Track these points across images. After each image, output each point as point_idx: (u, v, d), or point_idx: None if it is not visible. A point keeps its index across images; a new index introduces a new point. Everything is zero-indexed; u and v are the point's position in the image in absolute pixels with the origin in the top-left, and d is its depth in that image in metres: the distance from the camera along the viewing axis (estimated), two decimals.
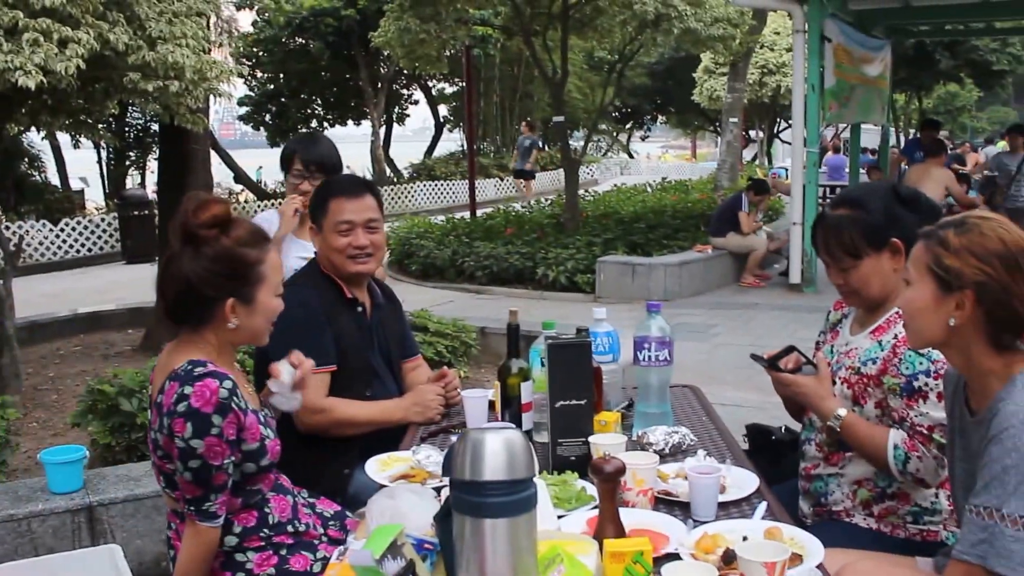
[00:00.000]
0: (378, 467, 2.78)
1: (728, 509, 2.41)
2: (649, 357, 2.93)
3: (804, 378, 2.76)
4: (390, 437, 3.11)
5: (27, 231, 15.68)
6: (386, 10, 13.66)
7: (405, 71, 25.07)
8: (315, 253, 3.41)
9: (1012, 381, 2.06)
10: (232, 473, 2.39)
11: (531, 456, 1.73)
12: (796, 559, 2.07)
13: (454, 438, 2.67)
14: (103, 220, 17.41)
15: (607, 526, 2.06)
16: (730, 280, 11.89)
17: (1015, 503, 1.93)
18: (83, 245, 16.79)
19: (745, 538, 2.12)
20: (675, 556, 2.07)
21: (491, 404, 3.11)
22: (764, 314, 10.01)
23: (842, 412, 2.67)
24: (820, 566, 2.07)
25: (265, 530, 2.50)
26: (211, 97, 6.75)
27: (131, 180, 23.27)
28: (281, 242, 3.89)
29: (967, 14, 15.16)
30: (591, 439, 2.59)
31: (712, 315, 10.02)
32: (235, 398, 2.34)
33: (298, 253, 3.92)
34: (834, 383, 2.76)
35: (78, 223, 16.92)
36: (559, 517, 2.30)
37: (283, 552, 2.51)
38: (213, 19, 16.14)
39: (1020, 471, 1.94)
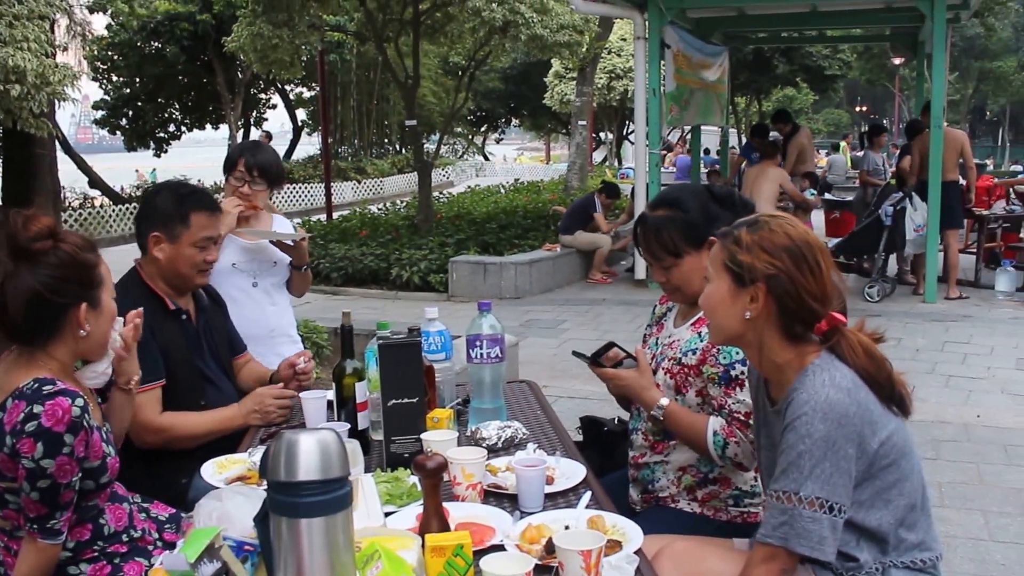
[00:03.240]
0: (214, 470, 2.76)
1: (555, 500, 2.46)
2: (482, 355, 2.98)
3: (625, 372, 2.83)
4: (229, 439, 3.14)
5: None
6: (239, 15, 13.61)
7: (262, 76, 24.86)
8: (136, 263, 3.33)
9: (804, 371, 2.17)
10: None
11: (345, 455, 1.77)
12: (616, 546, 2.12)
13: None
14: None
15: (431, 521, 2.12)
16: (578, 277, 12.25)
17: (811, 486, 2.06)
18: None
19: (567, 527, 2.18)
20: (500, 547, 2.11)
21: (329, 404, 3.11)
22: (611, 309, 10.38)
23: (664, 401, 2.74)
24: (639, 551, 2.12)
25: (100, 542, 2.46)
26: (59, 101, 6.69)
27: None
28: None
29: (800, 22, 15.88)
30: (423, 436, 2.64)
31: (561, 311, 10.34)
32: (86, 416, 2.29)
33: (232, 251, 3.95)
34: (657, 373, 2.84)
35: None
36: (390, 514, 2.34)
37: (116, 560, 2.47)
38: (65, 22, 15.77)
39: (813, 456, 2.06)
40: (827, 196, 14.97)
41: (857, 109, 65.59)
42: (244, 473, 2.73)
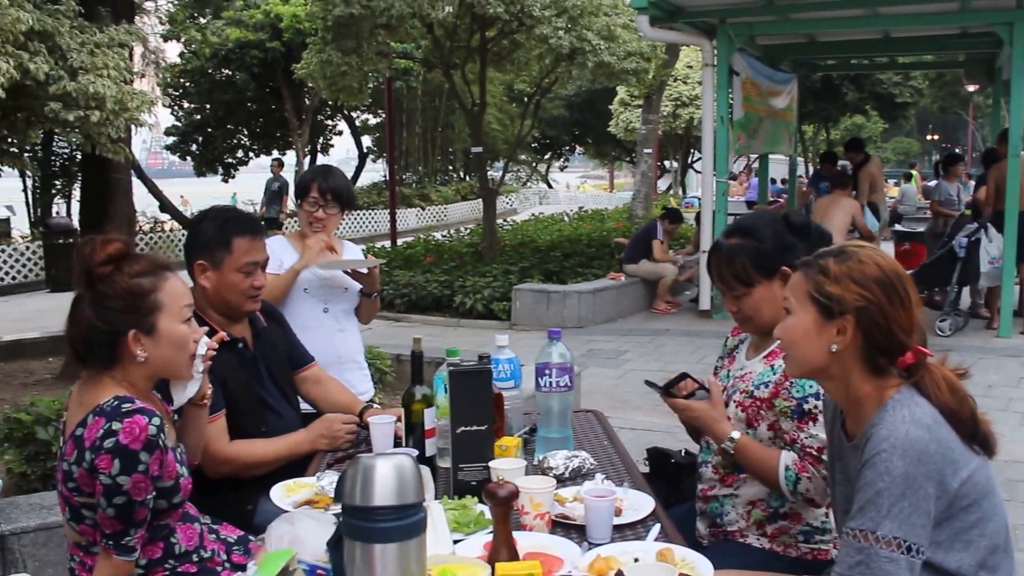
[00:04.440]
0: (283, 493, 2.79)
1: (623, 531, 2.44)
2: (550, 383, 2.98)
3: (697, 403, 2.80)
4: (296, 463, 3.15)
5: None
6: (308, 43, 13.79)
7: (329, 102, 25.14)
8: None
9: (884, 406, 2.12)
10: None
11: (420, 481, 1.76)
12: None
13: None
14: (28, 248, 17.23)
15: (500, 549, 2.10)
16: (642, 307, 12.15)
17: (888, 525, 1.99)
18: (7, 273, 16.58)
19: (637, 559, 2.17)
20: None
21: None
22: (674, 340, 10.24)
23: (735, 435, 2.71)
24: None
25: (171, 561, 2.48)
26: (134, 127, 6.81)
27: (57, 208, 22.92)
28: (298, 272, 3.96)
29: (871, 49, 15.69)
30: (491, 464, 2.63)
31: (624, 341, 10.24)
32: (162, 435, 2.33)
33: (304, 277, 4.00)
34: (728, 406, 2.81)
35: (2, 251, 16.72)
36: (457, 541, 2.33)
37: None
38: (140, 49, 16.13)
39: (891, 494, 2.00)
40: (897, 227, 14.71)
41: (928, 137, 64.64)
42: (312, 497, 2.74)
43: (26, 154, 9.91)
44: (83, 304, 2.42)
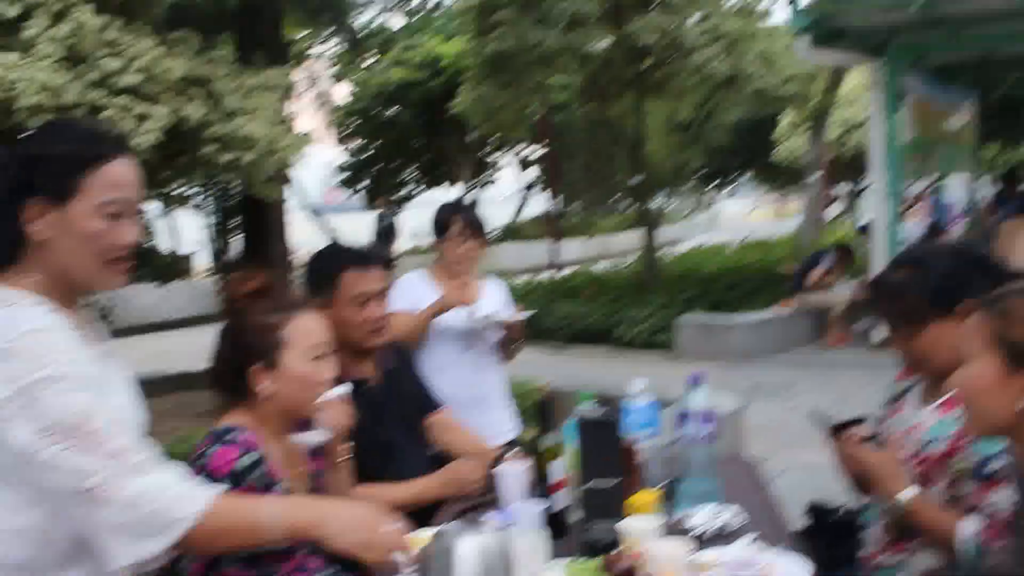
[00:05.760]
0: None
1: None
2: (693, 433, 2.73)
3: (870, 452, 2.48)
4: (423, 509, 2.99)
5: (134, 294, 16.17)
6: (463, 80, 13.95)
7: (491, 137, 25.49)
8: None
9: None
10: None
11: (510, 563, 1.60)
12: None
13: (488, 515, 2.55)
14: (209, 283, 17.98)
15: None
16: (813, 338, 11.70)
17: None
18: (187, 306, 17.27)
19: None
20: None
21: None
22: (847, 374, 9.80)
23: (907, 495, 2.37)
24: None
25: None
26: (287, 168, 6.93)
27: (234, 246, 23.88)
28: (431, 317, 3.83)
29: None
30: (621, 524, 2.39)
31: (792, 374, 9.87)
32: (254, 472, 2.30)
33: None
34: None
35: (181, 286, 17.43)
36: None
37: None
38: (302, 89, 16.66)
39: None
40: None
41: None
42: None
43: (203, 195, 10.36)
44: (219, 334, 2.52)
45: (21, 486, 1.87)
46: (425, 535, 2.68)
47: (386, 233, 21.01)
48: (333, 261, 3.20)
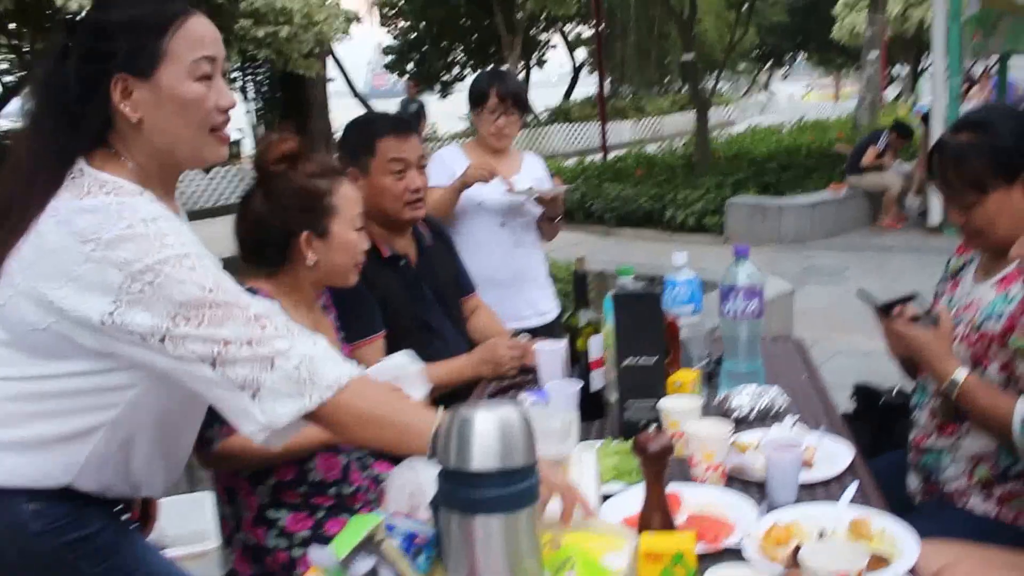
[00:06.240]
0: None
1: (814, 490, 2.05)
2: (736, 309, 2.56)
3: (920, 331, 2.32)
4: (458, 390, 2.92)
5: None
6: None
7: (542, 16, 25.00)
8: None
9: None
10: None
11: (531, 439, 1.48)
12: (880, 563, 1.69)
13: (525, 394, 2.49)
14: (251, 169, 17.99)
15: (652, 515, 1.75)
16: (866, 221, 11.47)
17: None
18: (234, 192, 17.30)
19: (822, 533, 1.80)
20: (738, 551, 1.76)
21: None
22: (900, 257, 9.64)
23: (960, 375, 2.23)
24: (912, 570, 1.70)
25: (303, 487, 2.39)
26: (328, 43, 6.77)
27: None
28: (459, 191, 3.63)
29: None
30: (661, 403, 2.30)
31: (844, 257, 9.72)
32: None
33: (479, 188, 3.65)
34: (953, 340, 2.34)
35: (227, 172, 17.42)
36: (612, 495, 2.02)
37: (320, 515, 2.39)
38: None
39: None
40: None
41: None
42: None
43: (243, 79, 10.18)
44: (254, 202, 2.40)
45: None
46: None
47: (415, 118, 20.84)
48: (370, 128, 3.06)
